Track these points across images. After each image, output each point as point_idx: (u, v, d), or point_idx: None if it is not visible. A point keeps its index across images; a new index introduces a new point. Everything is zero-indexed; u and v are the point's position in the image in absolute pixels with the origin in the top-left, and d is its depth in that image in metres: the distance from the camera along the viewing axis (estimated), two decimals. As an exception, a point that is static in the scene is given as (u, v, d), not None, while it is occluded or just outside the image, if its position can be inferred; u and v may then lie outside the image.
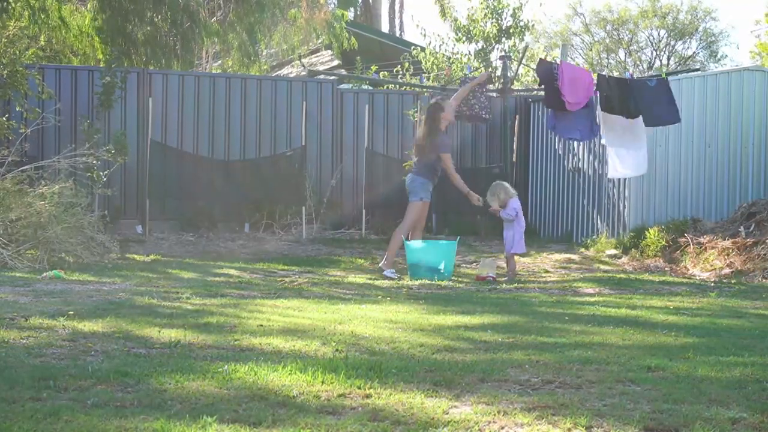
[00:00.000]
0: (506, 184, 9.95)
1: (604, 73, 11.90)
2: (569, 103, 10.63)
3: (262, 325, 5.61)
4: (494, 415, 3.53)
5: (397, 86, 15.97)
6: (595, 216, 13.21)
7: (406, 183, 9.97)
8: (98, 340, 4.96)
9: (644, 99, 10.77)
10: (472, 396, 3.84)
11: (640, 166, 11.16)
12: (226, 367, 4.23)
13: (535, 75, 11.24)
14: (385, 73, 17.63)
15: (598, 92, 11.03)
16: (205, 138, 13.75)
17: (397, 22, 33.10)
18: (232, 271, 9.56)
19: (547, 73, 10.75)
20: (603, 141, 11.39)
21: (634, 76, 11.75)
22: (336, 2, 25.21)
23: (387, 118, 14.64)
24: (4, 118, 11.63)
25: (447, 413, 3.55)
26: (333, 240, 13.16)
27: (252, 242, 12.70)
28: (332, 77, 15.84)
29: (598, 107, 11.13)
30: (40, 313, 5.80)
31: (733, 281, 9.49)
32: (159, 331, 5.27)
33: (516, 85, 16.84)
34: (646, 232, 11.67)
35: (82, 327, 5.35)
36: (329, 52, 20.20)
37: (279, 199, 13.51)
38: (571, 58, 31.89)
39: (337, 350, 4.80)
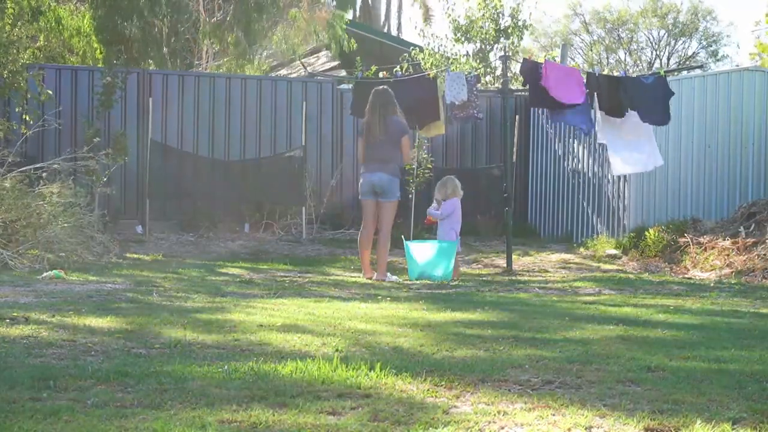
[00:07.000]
0: (456, 182, 9.74)
1: (597, 71, 11.52)
2: (565, 97, 10.40)
3: (262, 325, 5.61)
4: (494, 415, 3.53)
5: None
6: (595, 216, 13.21)
7: (381, 183, 9.28)
8: (98, 340, 4.95)
9: (637, 97, 10.48)
10: (472, 396, 3.83)
11: (648, 161, 10.80)
12: (226, 367, 4.22)
13: (519, 74, 11.02)
14: (385, 72, 17.60)
15: (588, 91, 10.59)
16: (205, 138, 13.75)
17: (395, 22, 33.10)
18: (232, 271, 9.56)
19: (532, 72, 10.61)
20: (600, 140, 11.11)
21: (627, 74, 11.52)
22: (335, 3, 25.18)
23: (387, 118, 14.61)
24: (4, 119, 11.62)
25: (447, 413, 3.54)
26: (333, 240, 13.15)
27: (252, 242, 12.70)
28: (330, 78, 15.81)
29: (595, 105, 10.87)
30: (40, 314, 5.80)
31: (733, 281, 9.49)
32: (159, 331, 5.27)
33: (516, 85, 16.83)
34: (646, 232, 11.67)
35: (82, 327, 5.35)
36: (329, 52, 20.18)
37: (279, 199, 13.52)
38: (571, 57, 31.87)
39: (337, 350, 4.80)
